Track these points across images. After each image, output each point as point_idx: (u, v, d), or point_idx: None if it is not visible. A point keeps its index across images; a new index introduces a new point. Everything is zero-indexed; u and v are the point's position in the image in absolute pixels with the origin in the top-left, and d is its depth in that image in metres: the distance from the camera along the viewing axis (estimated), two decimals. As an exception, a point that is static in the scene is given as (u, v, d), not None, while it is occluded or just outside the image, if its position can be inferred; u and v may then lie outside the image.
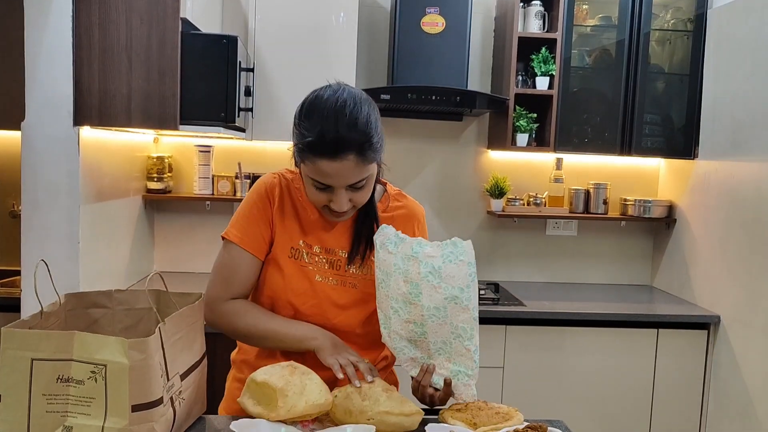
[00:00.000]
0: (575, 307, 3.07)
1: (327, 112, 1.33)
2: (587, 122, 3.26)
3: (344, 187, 1.37)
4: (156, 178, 3.17)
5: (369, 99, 1.43)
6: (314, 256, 1.51)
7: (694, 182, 3.27)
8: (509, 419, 1.37)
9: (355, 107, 1.35)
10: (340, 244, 1.52)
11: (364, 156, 1.34)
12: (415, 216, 1.61)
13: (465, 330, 1.40)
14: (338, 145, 1.31)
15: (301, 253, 1.51)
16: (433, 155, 3.53)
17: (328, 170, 1.34)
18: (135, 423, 1.10)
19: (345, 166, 1.33)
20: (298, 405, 1.26)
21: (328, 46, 3.01)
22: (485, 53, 3.50)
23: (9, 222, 2.90)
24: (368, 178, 1.39)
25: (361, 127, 1.34)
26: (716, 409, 3.00)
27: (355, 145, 1.32)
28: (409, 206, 1.62)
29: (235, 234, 1.50)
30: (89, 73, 2.26)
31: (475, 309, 1.40)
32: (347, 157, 1.32)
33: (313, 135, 1.32)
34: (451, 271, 1.40)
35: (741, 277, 2.86)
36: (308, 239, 1.52)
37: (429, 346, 1.42)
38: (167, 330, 1.22)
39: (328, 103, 1.35)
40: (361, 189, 1.40)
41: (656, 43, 3.28)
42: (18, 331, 1.12)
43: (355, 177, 1.36)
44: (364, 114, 1.35)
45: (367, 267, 1.52)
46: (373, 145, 1.35)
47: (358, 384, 1.33)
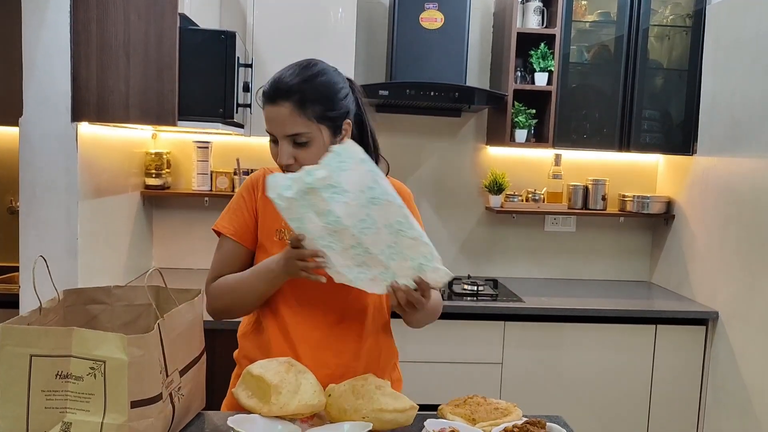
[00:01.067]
0: (574, 303, 3.07)
1: (286, 68, 1.47)
2: (586, 118, 3.26)
3: (284, 137, 1.44)
4: (154, 174, 3.17)
5: (339, 73, 1.51)
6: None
7: (693, 178, 3.27)
8: (508, 415, 1.37)
9: (310, 66, 1.47)
10: None
11: (302, 107, 1.42)
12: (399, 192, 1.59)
13: (400, 223, 1.35)
14: (277, 90, 1.43)
15: (285, 233, 1.54)
16: (432, 151, 3.53)
17: (268, 115, 1.45)
18: (134, 419, 1.10)
19: (280, 112, 1.42)
20: (291, 404, 1.26)
21: (326, 41, 3.00)
22: (484, 49, 3.49)
23: (7, 218, 2.90)
24: (313, 139, 1.44)
25: (304, 80, 1.43)
26: (714, 405, 3.01)
27: (293, 94, 1.41)
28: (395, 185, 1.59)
29: (222, 225, 1.60)
30: (87, 69, 2.26)
31: (395, 197, 1.35)
32: (283, 103, 1.42)
33: (266, 83, 1.46)
34: (349, 178, 1.34)
35: (739, 273, 2.86)
36: None
37: (378, 257, 1.37)
38: (166, 326, 1.21)
39: (294, 63, 1.48)
40: (304, 146, 1.44)
41: (655, 39, 3.28)
42: (16, 327, 1.12)
43: (292, 127, 1.42)
44: (314, 72, 1.45)
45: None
46: (311, 98, 1.42)
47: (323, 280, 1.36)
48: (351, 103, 1.52)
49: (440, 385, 2.96)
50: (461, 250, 3.59)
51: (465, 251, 3.60)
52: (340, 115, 1.48)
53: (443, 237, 3.56)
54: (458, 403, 1.42)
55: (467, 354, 2.97)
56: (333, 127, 1.47)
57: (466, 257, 3.60)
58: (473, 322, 2.96)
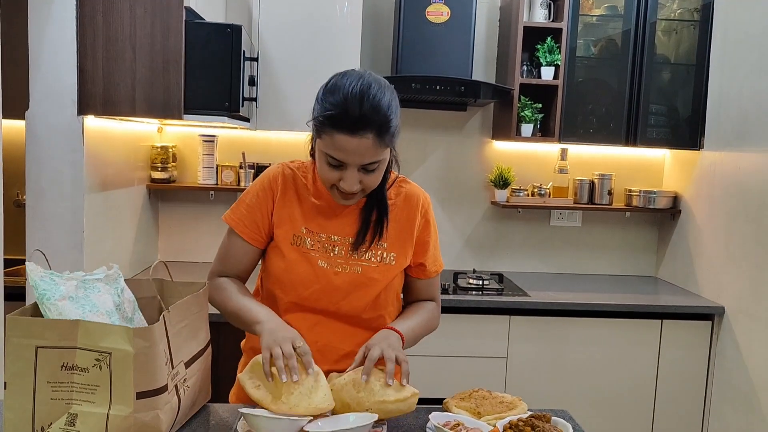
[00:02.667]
0: (579, 297, 3.06)
1: (353, 90, 1.35)
2: (592, 112, 3.25)
3: (357, 166, 1.38)
4: (160, 168, 3.17)
5: (392, 87, 1.44)
6: (317, 243, 1.51)
7: (700, 173, 3.26)
8: (513, 408, 1.37)
9: (380, 90, 1.37)
10: (344, 230, 1.52)
11: (381, 138, 1.35)
12: (417, 198, 1.60)
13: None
14: (360, 122, 1.33)
15: (304, 240, 1.51)
16: (437, 145, 3.52)
17: (346, 146, 1.34)
18: (140, 410, 1.11)
19: (362, 144, 1.34)
20: (300, 406, 1.25)
21: (332, 35, 3.00)
22: (490, 43, 3.48)
23: (14, 211, 2.90)
24: (381, 162, 1.40)
25: (383, 110, 1.35)
26: (719, 400, 3.00)
27: (375, 125, 1.34)
28: (411, 190, 1.60)
29: (232, 218, 1.56)
30: (93, 63, 2.26)
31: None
32: (366, 135, 1.34)
33: (337, 109, 1.34)
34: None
35: (745, 268, 2.85)
36: (311, 226, 1.52)
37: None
38: (171, 318, 1.22)
39: (354, 81, 1.37)
40: (372, 172, 1.40)
41: (662, 33, 3.26)
42: (23, 318, 1.12)
43: (370, 157, 1.37)
44: (387, 98, 1.37)
45: (370, 252, 1.52)
46: (391, 129, 1.37)
47: (284, 378, 1.27)
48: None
49: (445, 378, 2.96)
50: (467, 244, 3.59)
51: (470, 245, 3.59)
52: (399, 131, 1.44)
53: (449, 231, 3.55)
54: (463, 396, 1.42)
55: (472, 348, 2.97)
56: (394, 145, 1.44)
57: (472, 251, 3.59)
58: (478, 317, 2.95)
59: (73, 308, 1.17)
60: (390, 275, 1.53)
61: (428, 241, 1.60)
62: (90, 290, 1.23)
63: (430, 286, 1.66)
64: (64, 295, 1.18)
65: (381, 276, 1.52)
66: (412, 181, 1.63)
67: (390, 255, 1.53)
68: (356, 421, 1.26)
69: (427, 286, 1.65)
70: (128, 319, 1.28)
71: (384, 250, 1.53)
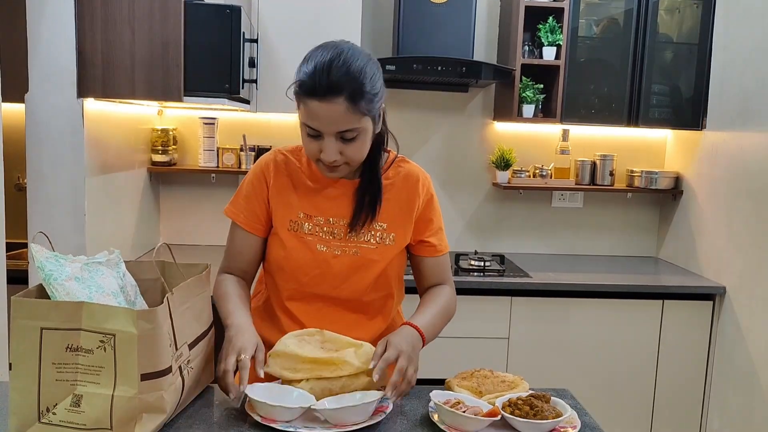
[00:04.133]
0: (581, 278, 3.07)
1: (324, 56, 1.34)
2: (594, 93, 3.23)
3: (333, 134, 1.36)
4: (161, 151, 3.17)
5: (373, 58, 1.42)
6: (315, 227, 1.51)
7: (702, 153, 3.25)
8: (515, 387, 1.38)
9: (352, 56, 1.36)
10: (340, 212, 1.51)
11: (354, 103, 1.33)
12: (416, 176, 1.56)
13: None
14: (329, 87, 1.31)
15: (300, 224, 1.51)
16: (439, 127, 3.51)
17: (318, 112, 1.33)
18: (144, 392, 1.11)
19: (334, 109, 1.32)
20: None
21: (332, 16, 2.97)
22: (491, 23, 3.46)
23: (15, 195, 2.90)
24: (360, 131, 1.37)
25: (354, 74, 1.33)
26: (720, 379, 3.01)
27: (346, 90, 1.31)
28: (411, 169, 1.58)
29: (232, 210, 1.55)
30: (92, 45, 2.25)
31: None
32: (336, 100, 1.31)
33: (308, 76, 1.33)
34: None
35: (747, 248, 2.85)
36: (307, 210, 1.51)
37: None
38: (175, 300, 1.22)
39: (328, 50, 1.36)
40: (351, 141, 1.37)
41: (665, 12, 3.23)
42: (27, 300, 1.13)
43: (344, 124, 1.34)
44: (359, 63, 1.35)
45: (369, 233, 1.51)
46: (365, 94, 1.34)
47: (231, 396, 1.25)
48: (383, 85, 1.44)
49: (447, 359, 2.97)
50: (468, 225, 3.59)
51: (472, 227, 3.59)
52: (381, 100, 1.41)
53: (450, 213, 3.55)
54: (465, 376, 1.42)
55: (474, 329, 2.98)
56: (375, 116, 1.40)
57: (473, 233, 3.60)
58: (480, 298, 2.96)
59: (79, 288, 1.18)
60: (389, 255, 1.52)
61: (431, 218, 1.57)
62: (94, 273, 1.23)
63: (439, 265, 1.63)
64: (71, 275, 1.19)
65: (380, 257, 1.51)
66: (411, 161, 1.60)
67: (390, 236, 1.52)
68: (363, 398, 1.27)
69: (436, 265, 1.62)
70: (131, 303, 1.29)
71: (383, 230, 1.52)
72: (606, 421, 2.99)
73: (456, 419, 1.23)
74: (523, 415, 1.24)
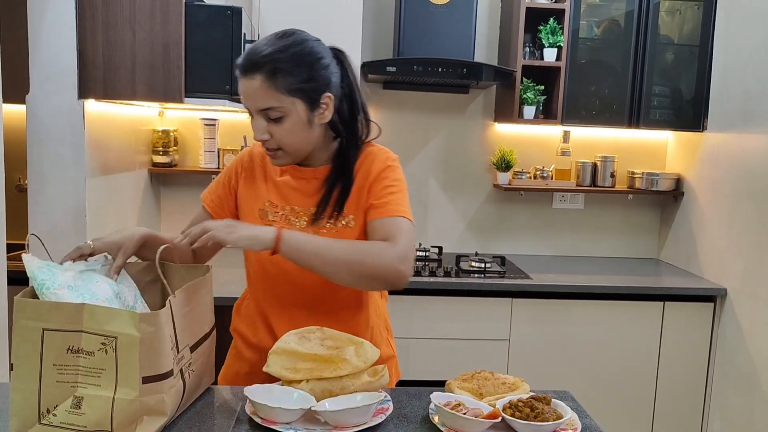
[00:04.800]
0: (582, 280, 3.07)
1: (260, 40, 1.40)
2: (595, 94, 3.23)
3: (256, 111, 1.39)
4: (161, 152, 3.17)
5: (319, 47, 1.44)
6: (282, 215, 1.51)
7: (703, 155, 3.25)
8: (515, 389, 1.38)
9: (286, 35, 1.40)
10: (306, 203, 1.50)
11: (272, 80, 1.35)
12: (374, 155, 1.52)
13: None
14: (249, 62, 1.36)
15: (266, 213, 1.52)
16: (440, 128, 3.51)
17: (241, 88, 1.39)
18: (145, 394, 1.11)
19: (252, 85, 1.36)
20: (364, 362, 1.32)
21: (333, 17, 2.97)
22: (492, 24, 3.46)
23: (15, 196, 2.90)
24: (287, 113, 1.38)
25: (277, 50, 1.36)
26: (721, 382, 3.01)
27: (265, 66, 1.35)
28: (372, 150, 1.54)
29: (205, 194, 1.61)
30: (93, 46, 2.25)
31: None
32: (254, 76, 1.36)
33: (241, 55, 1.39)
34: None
35: (748, 249, 2.85)
36: (274, 199, 1.52)
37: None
38: (177, 302, 1.22)
39: (272, 34, 1.41)
40: (277, 122, 1.39)
41: (666, 14, 3.23)
42: (30, 301, 1.13)
43: (263, 101, 1.37)
44: (288, 42, 1.39)
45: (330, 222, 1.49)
46: (285, 72, 1.36)
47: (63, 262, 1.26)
48: (333, 75, 1.44)
49: (448, 361, 2.98)
50: (469, 227, 3.59)
51: (472, 228, 3.59)
52: (317, 87, 1.40)
53: (451, 214, 3.55)
54: (466, 378, 1.42)
55: (475, 330, 2.98)
56: (309, 100, 1.39)
57: (474, 234, 3.59)
58: (481, 299, 2.96)
59: (72, 297, 1.17)
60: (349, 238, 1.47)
61: (379, 186, 1.48)
62: (88, 281, 1.23)
63: (382, 224, 1.44)
64: (63, 284, 1.18)
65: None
66: (377, 144, 1.58)
67: (348, 218, 1.49)
68: (363, 400, 1.27)
69: (380, 225, 1.44)
70: (130, 307, 1.28)
71: (343, 216, 1.49)
72: (607, 423, 3.00)
73: (456, 421, 1.23)
74: (524, 417, 1.24)
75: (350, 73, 1.50)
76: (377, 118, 3.43)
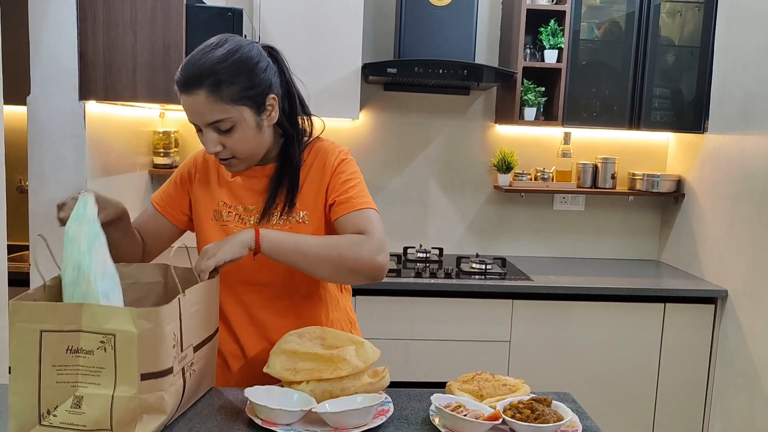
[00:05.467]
0: (582, 281, 3.07)
1: (194, 52, 1.37)
2: (596, 96, 3.23)
3: (205, 125, 1.37)
4: (162, 153, 3.17)
5: (252, 45, 1.41)
6: (235, 215, 1.52)
7: (704, 156, 3.24)
8: (516, 391, 1.37)
9: (220, 44, 1.37)
10: (257, 200, 1.51)
11: (216, 93, 1.33)
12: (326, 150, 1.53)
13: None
14: (188, 78, 1.33)
15: (220, 213, 1.53)
16: (440, 130, 3.51)
17: (185, 105, 1.36)
18: (144, 392, 1.11)
19: (195, 101, 1.34)
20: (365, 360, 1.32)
21: (334, 18, 2.98)
22: (493, 26, 3.46)
23: (16, 197, 2.91)
24: (237, 122, 1.37)
25: (212, 65, 1.33)
26: (722, 383, 3.01)
27: (205, 80, 1.32)
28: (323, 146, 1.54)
29: (155, 194, 1.62)
30: (94, 47, 2.25)
31: (97, 278, 1.16)
32: (196, 92, 1.33)
33: (178, 72, 1.36)
34: (73, 234, 1.18)
35: (749, 251, 2.85)
36: (227, 200, 1.53)
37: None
38: (186, 301, 1.22)
39: (204, 43, 1.38)
40: (229, 133, 1.38)
41: (667, 15, 3.23)
42: (26, 303, 1.12)
43: (210, 114, 1.35)
44: (224, 51, 1.35)
45: (282, 218, 1.49)
46: (227, 83, 1.34)
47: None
48: (273, 76, 1.43)
49: (448, 362, 2.98)
50: (469, 228, 3.59)
51: (473, 230, 3.59)
52: (261, 91, 1.39)
53: (451, 215, 3.55)
54: (466, 379, 1.42)
55: (475, 332, 2.98)
56: (255, 105, 1.39)
57: (475, 236, 3.59)
58: (481, 301, 2.96)
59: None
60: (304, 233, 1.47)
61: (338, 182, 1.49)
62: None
63: (351, 219, 1.45)
64: None
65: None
66: (327, 139, 1.58)
67: (302, 213, 1.50)
68: (364, 401, 1.27)
69: (348, 220, 1.46)
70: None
71: (296, 211, 1.49)
72: (607, 425, 2.99)
73: (457, 423, 1.23)
74: (525, 418, 1.23)
75: (286, 70, 1.50)
76: (378, 119, 3.46)
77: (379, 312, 2.92)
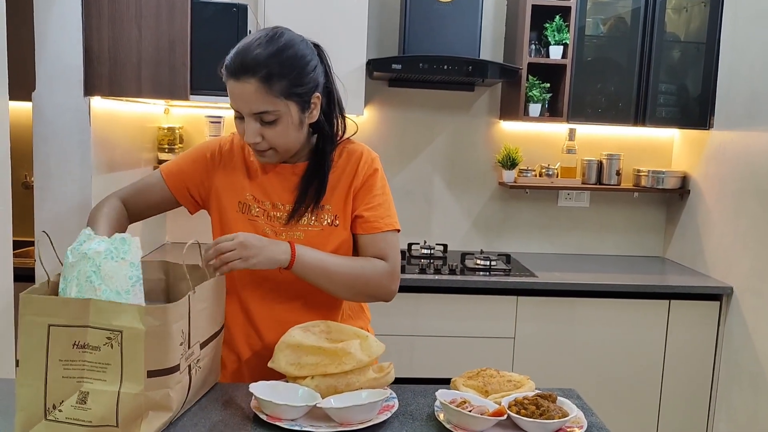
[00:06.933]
0: (587, 278, 3.06)
1: (249, 38, 1.39)
2: (601, 92, 3.22)
3: (250, 115, 1.38)
4: (167, 149, 3.17)
5: (306, 48, 1.43)
6: (261, 210, 1.51)
7: (709, 153, 3.23)
8: (521, 387, 1.37)
9: (276, 37, 1.38)
10: (286, 198, 1.51)
11: (267, 85, 1.35)
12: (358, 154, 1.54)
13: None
14: (242, 66, 1.34)
15: (249, 206, 1.52)
16: (445, 126, 3.50)
17: (233, 91, 1.37)
18: (151, 388, 1.11)
19: (246, 89, 1.35)
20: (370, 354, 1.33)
21: (338, 14, 2.97)
22: (498, 22, 3.45)
23: (22, 193, 2.91)
24: (281, 116, 1.38)
25: (270, 57, 1.35)
26: (727, 380, 3.00)
27: (259, 70, 1.34)
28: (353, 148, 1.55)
29: (166, 164, 1.61)
30: (99, 43, 2.25)
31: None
32: (248, 80, 1.34)
33: (229, 57, 1.37)
34: (110, 271, 1.19)
35: (754, 248, 2.84)
36: (256, 193, 1.52)
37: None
38: (195, 298, 1.22)
39: (261, 32, 1.40)
40: (270, 125, 1.39)
41: (672, 11, 3.22)
42: (36, 297, 1.13)
43: (257, 104, 1.36)
44: (281, 45, 1.37)
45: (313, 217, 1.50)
46: (280, 77, 1.35)
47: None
48: (320, 75, 1.45)
49: (453, 359, 2.98)
50: (474, 225, 3.58)
51: (478, 226, 3.59)
52: (309, 89, 1.42)
53: (456, 212, 3.55)
54: (471, 375, 1.42)
55: (480, 328, 2.98)
56: (301, 102, 1.41)
57: (479, 232, 3.59)
58: (486, 297, 2.96)
59: None
60: (335, 238, 1.50)
61: (370, 192, 1.53)
62: None
63: (374, 241, 1.51)
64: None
65: (325, 240, 1.49)
66: (357, 141, 1.59)
67: (333, 217, 1.51)
68: (369, 397, 1.27)
69: (372, 241, 1.51)
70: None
71: (327, 212, 1.51)
72: (612, 421, 2.99)
73: (462, 418, 1.23)
74: (530, 414, 1.23)
75: (330, 70, 1.51)
76: (383, 115, 3.46)
77: (383, 308, 2.92)
